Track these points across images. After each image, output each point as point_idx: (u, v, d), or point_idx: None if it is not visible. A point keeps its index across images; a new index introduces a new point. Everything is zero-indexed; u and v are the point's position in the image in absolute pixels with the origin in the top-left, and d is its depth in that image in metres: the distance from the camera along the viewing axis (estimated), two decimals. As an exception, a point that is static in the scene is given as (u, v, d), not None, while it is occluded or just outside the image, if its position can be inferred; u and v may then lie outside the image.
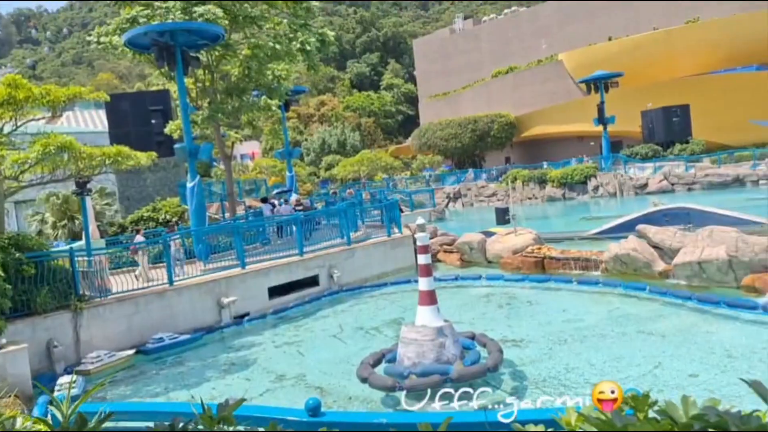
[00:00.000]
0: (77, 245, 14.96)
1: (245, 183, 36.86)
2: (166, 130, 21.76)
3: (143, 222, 22.60)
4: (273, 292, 14.96)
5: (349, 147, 65.56)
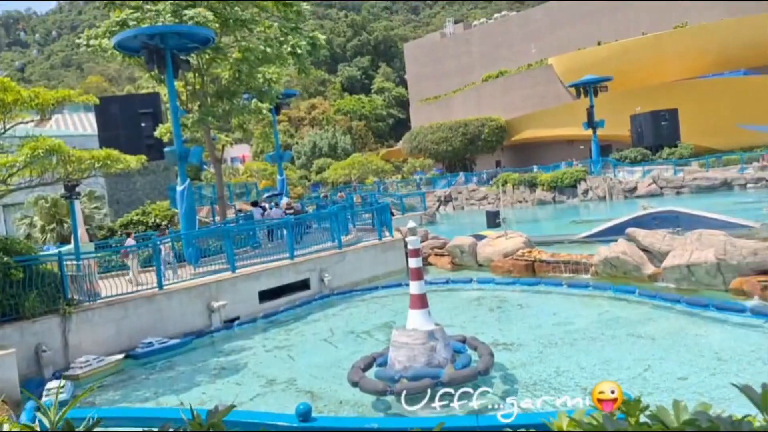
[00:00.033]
0: (66, 249, 14.86)
1: (236, 186, 36.72)
2: (156, 134, 21.70)
3: (133, 225, 22.47)
4: (264, 296, 14.91)
5: (340, 150, 65.56)
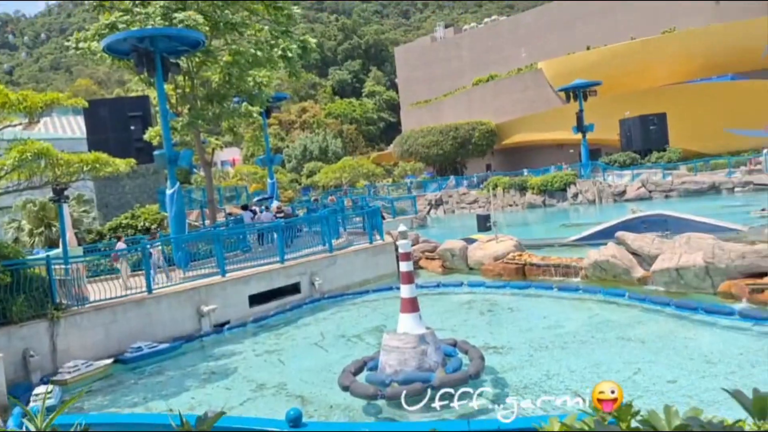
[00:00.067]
0: (54, 253, 14.74)
1: (226, 190, 36.60)
2: (146, 137, 21.61)
3: (122, 229, 22.32)
4: (254, 299, 14.85)
5: (330, 154, 65.50)
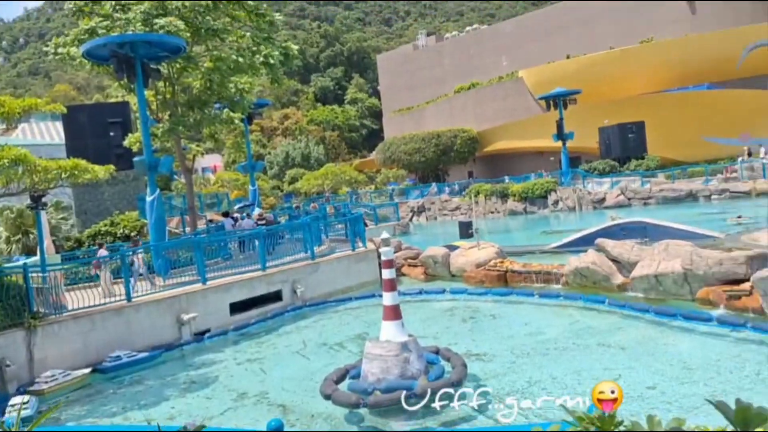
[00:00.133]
0: (32, 261, 14.53)
1: (207, 197, 36.32)
2: (126, 143, 21.37)
3: (101, 236, 22.07)
4: (235, 308, 14.74)
5: (313, 160, 65.36)
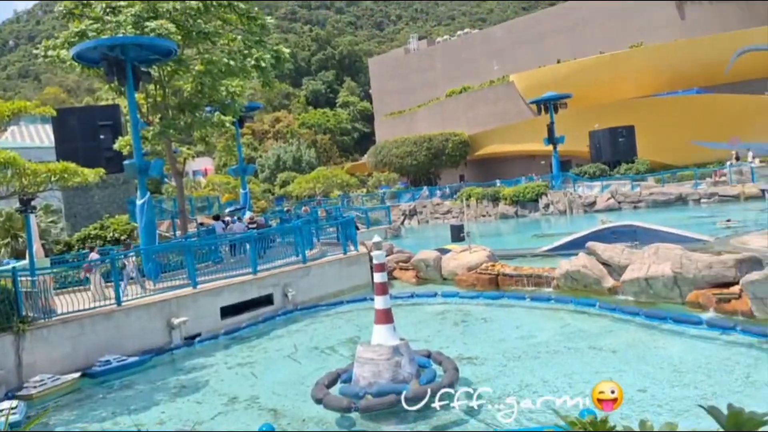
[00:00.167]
0: (21, 264, 14.41)
1: (197, 200, 36.22)
2: (116, 146, 21.27)
3: (91, 240, 21.93)
4: (226, 311, 14.66)
5: (304, 164, 65.29)
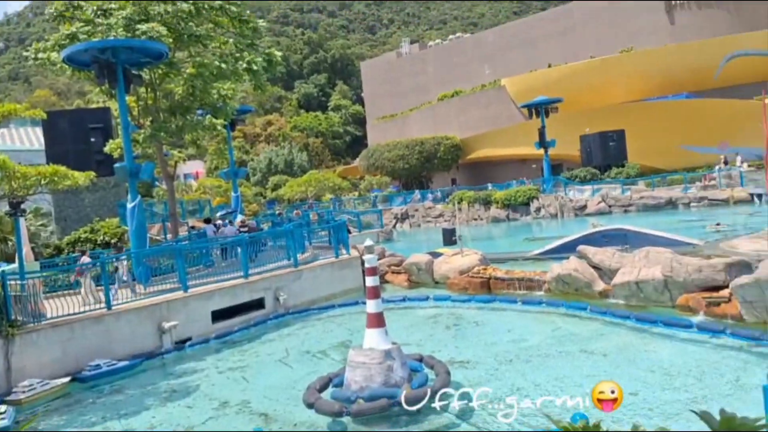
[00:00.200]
0: (10, 268, 14.28)
1: (188, 203, 36.07)
2: (107, 149, 21.12)
3: (81, 243, 21.80)
4: (217, 315, 14.60)
5: (296, 167, 65.23)
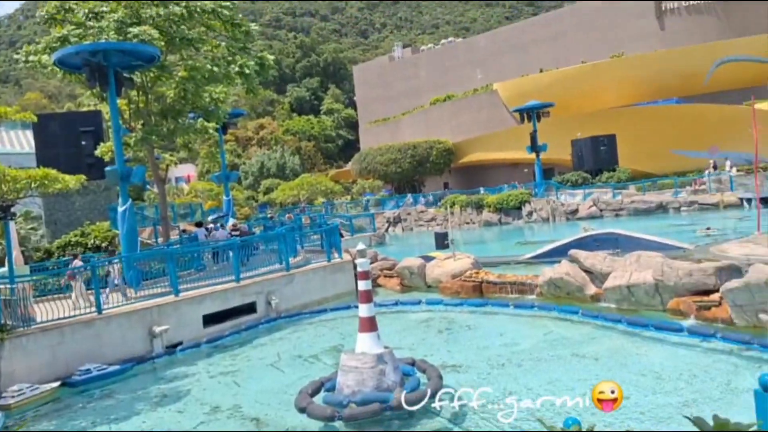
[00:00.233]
0: (0, 272, 14.18)
1: (180, 207, 35.93)
2: (97, 152, 21.04)
3: (71, 247, 21.66)
4: (208, 320, 14.53)
5: (288, 171, 65.17)
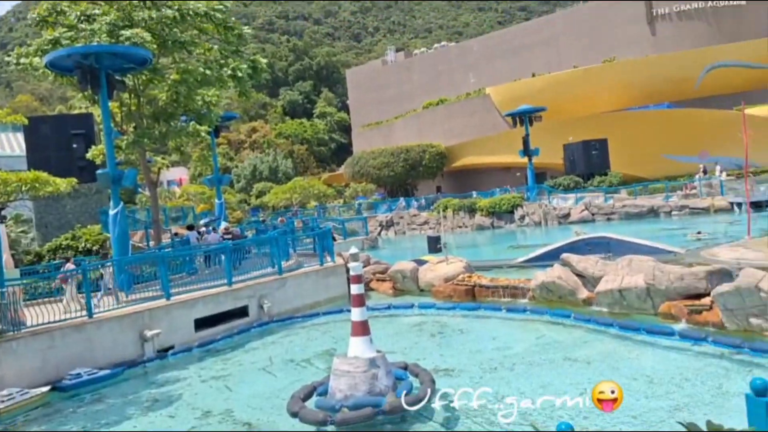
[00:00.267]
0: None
1: (172, 210, 35.77)
2: (89, 155, 20.95)
3: (62, 250, 21.52)
4: (200, 323, 14.46)
5: (281, 174, 65.08)
